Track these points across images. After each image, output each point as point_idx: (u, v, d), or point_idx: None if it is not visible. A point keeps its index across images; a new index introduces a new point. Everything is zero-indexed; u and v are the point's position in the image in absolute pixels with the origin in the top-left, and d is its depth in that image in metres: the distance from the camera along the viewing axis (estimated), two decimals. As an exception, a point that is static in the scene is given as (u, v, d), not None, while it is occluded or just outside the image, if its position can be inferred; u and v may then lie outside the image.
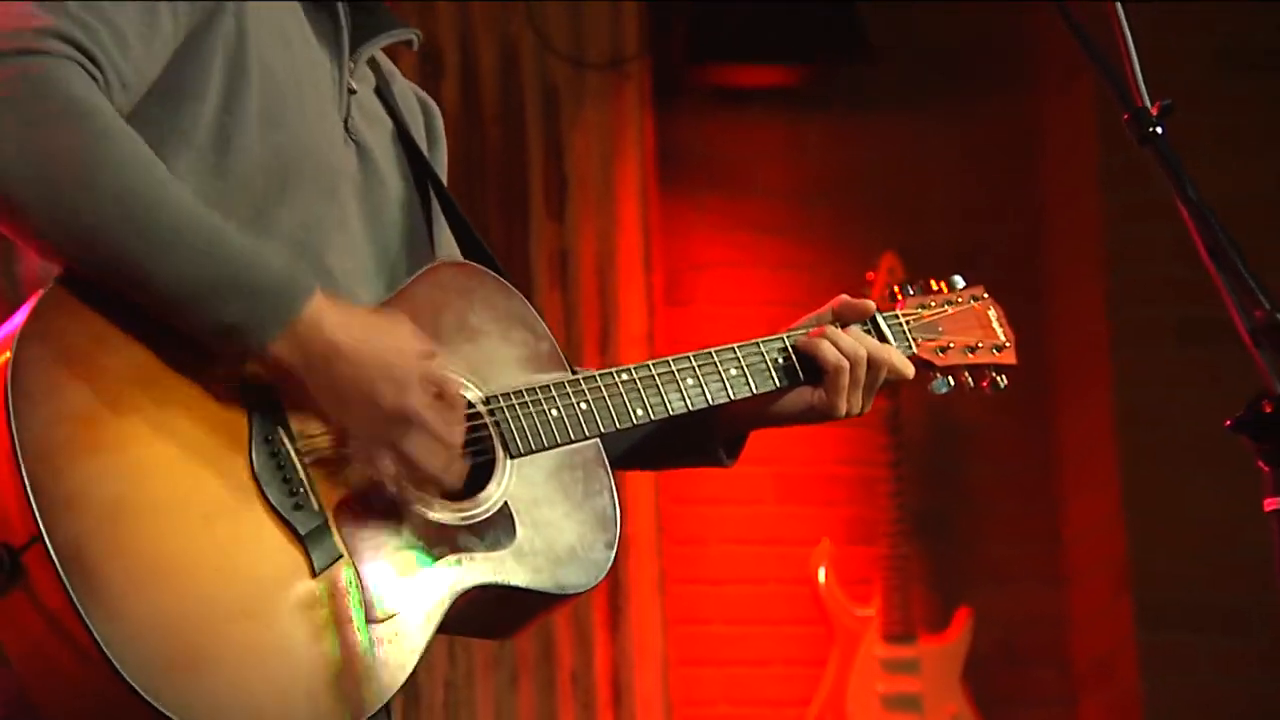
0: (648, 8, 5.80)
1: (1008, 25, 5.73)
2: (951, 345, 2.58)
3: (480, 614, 2.24)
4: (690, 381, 2.40)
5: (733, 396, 2.41)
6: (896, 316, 2.53)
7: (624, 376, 2.37)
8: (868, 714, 5.43)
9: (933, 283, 2.62)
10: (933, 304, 2.60)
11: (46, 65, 2.03)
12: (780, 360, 2.45)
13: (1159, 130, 2.10)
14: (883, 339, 2.51)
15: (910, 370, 2.48)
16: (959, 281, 2.61)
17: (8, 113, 2.01)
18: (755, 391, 2.42)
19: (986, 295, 2.63)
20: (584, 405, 2.33)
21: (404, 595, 2.15)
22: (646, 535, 5.43)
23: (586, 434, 2.33)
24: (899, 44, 5.69)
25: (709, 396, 2.40)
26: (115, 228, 2.04)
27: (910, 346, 2.53)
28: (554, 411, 2.31)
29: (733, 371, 2.43)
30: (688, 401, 2.38)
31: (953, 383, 2.56)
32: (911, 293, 2.60)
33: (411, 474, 2.16)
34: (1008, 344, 2.62)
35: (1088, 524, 5.57)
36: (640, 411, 2.36)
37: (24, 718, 2.10)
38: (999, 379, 2.59)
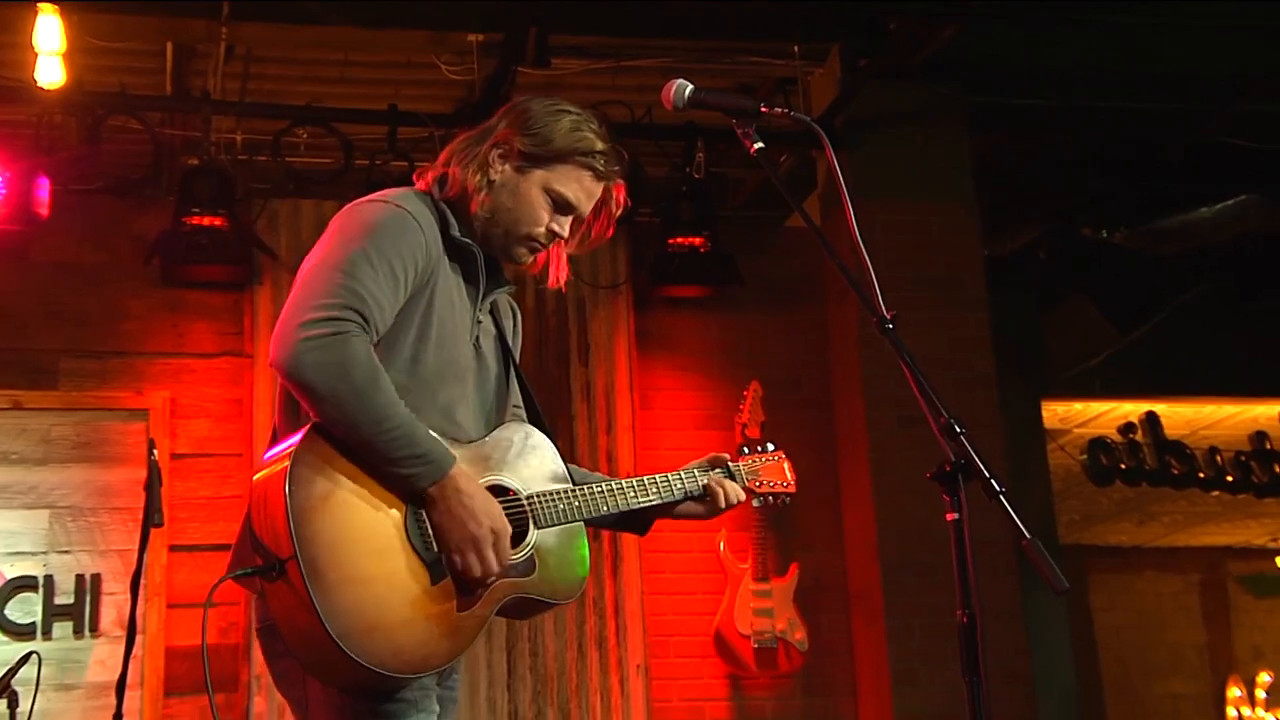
0: (628, 255, 5.73)
1: (815, 259, 5.77)
2: (763, 482, 2.61)
3: (514, 609, 2.25)
4: (632, 494, 2.40)
5: (654, 503, 2.44)
6: (740, 467, 2.56)
7: (599, 489, 2.36)
8: (745, 618, 5.43)
9: (759, 447, 2.67)
10: (756, 461, 2.62)
11: (349, 330, 2.05)
12: (681, 486, 2.46)
13: (890, 326, 2.12)
14: (730, 476, 2.53)
15: (743, 497, 2.53)
16: (770, 446, 2.68)
17: (329, 355, 2.03)
18: (665, 501, 2.45)
19: (784, 455, 2.68)
20: (577, 503, 2.31)
21: (480, 598, 2.16)
22: (631, 527, 5.60)
23: (578, 518, 2.32)
24: (755, 276, 5.74)
25: (641, 502, 2.41)
26: (366, 425, 2.05)
27: (744, 482, 2.55)
28: (561, 505, 2.30)
29: (654, 490, 2.44)
30: (630, 504, 2.40)
31: (762, 502, 2.65)
32: (746, 453, 2.63)
33: (468, 571, 2.13)
34: (792, 481, 2.67)
35: (856, 522, 5.60)
36: (605, 509, 2.36)
37: (279, 644, 2.15)
38: (786, 499, 2.67)
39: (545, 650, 5.37)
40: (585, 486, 2.36)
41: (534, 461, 2.30)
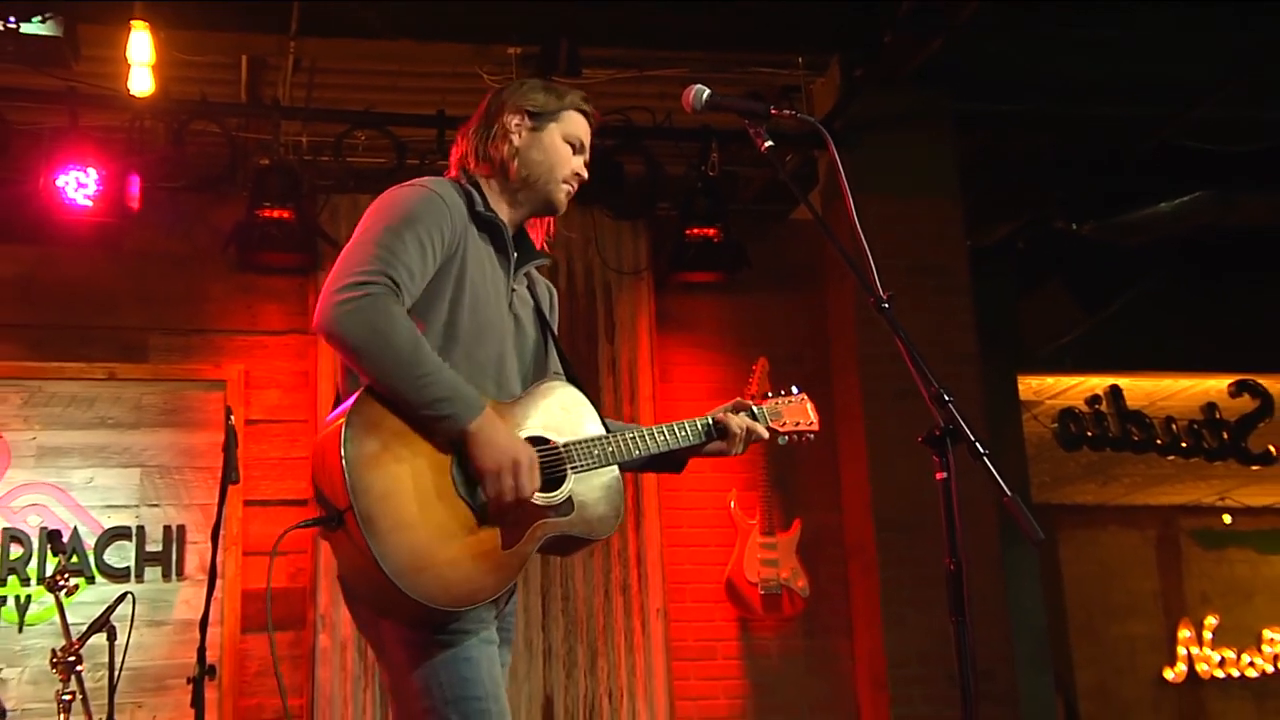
0: (650, 244, 5.69)
1: (816, 248, 5.75)
2: (786, 422, 2.54)
3: (555, 545, 2.22)
4: (662, 437, 2.37)
5: (681, 445, 2.39)
6: (763, 409, 2.51)
7: (630, 435, 2.33)
8: (754, 567, 5.42)
9: (782, 390, 2.59)
10: (779, 403, 2.56)
11: (379, 291, 2.05)
12: (704, 428, 2.42)
13: (886, 306, 2.11)
14: (754, 418, 2.47)
15: (766, 435, 2.48)
16: (795, 389, 2.61)
17: (360, 314, 2.03)
18: (692, 443, 2.40)
19: (806, 397, 2.60)
20: (610, 448, 2.28)
21: (522, 537, 2.14)
22: (652, 486, 5.47)
23: (612, 462, 2.28)
24: (763, 260, 5.70)
25: (670, 444, 2.37)
26: (401, 376, 2.04)
27: (766, 422, 2.49)
28: (596, 450, 2.26)
29: (682, 433, 2.40)
30: (659, 446, 2.36)
31: (787, 440, 2.55)
32: (770, 396, 2.56)
33: (500, 496, 2.11)
34: (814, 421, 2.58)
35: (852, 482, 5.53)
36: (638, 451, 2.32)
37: (343, 589, 2.21)
38: (810, 436, 2.57)
39: (575, 595, 5.35)
40: (616, 434, 2.32)
41: (571, 413, 2.26)
